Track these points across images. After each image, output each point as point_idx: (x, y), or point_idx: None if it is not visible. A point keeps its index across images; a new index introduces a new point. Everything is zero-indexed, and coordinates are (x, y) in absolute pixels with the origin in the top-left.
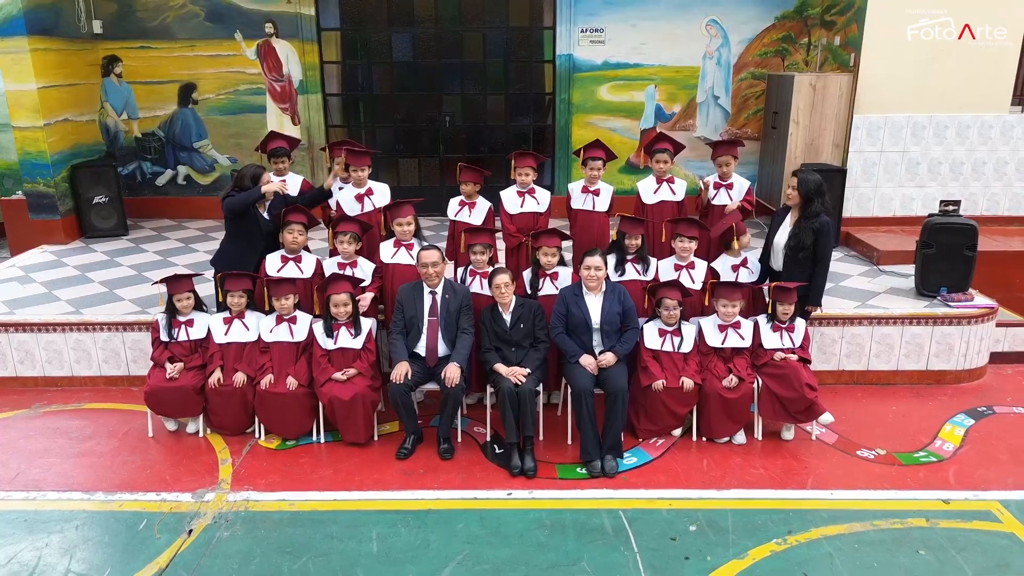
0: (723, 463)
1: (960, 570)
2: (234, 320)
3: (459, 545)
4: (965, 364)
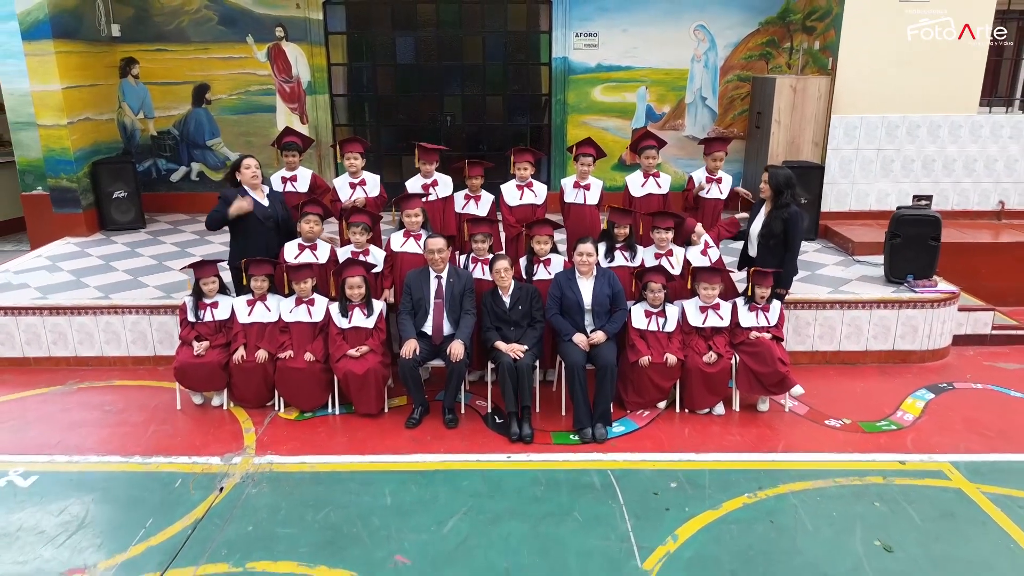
0: (703, 431)
1: (909, 518)
2: (256, 302)
3: (464, 499)
4: (929, 345)
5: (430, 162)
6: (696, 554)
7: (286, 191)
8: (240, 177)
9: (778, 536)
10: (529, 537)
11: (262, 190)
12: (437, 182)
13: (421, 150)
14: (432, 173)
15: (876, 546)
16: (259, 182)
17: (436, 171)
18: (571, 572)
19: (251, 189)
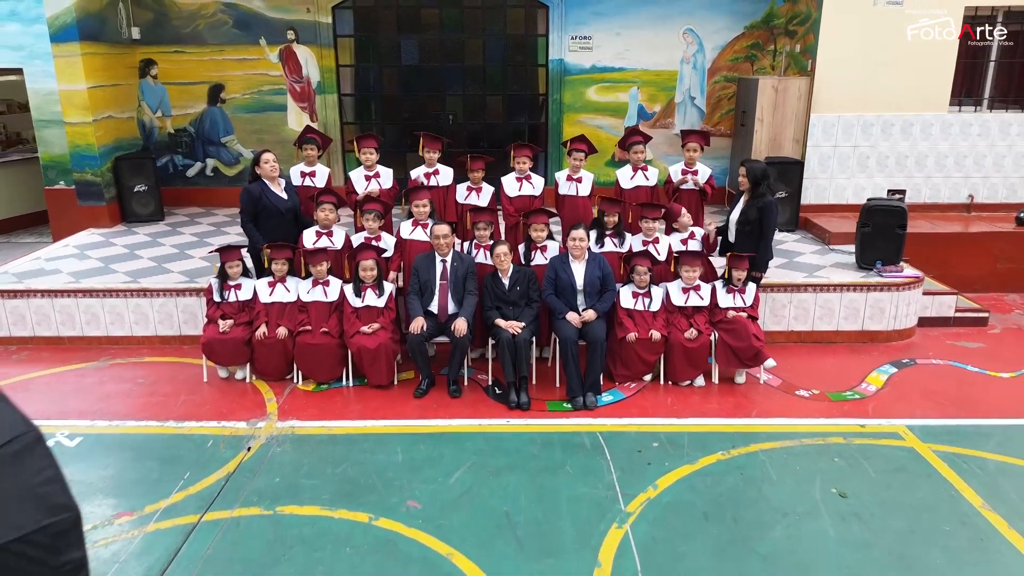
0: (684, 400)
1: (864, 472)
2: (277, 283)
3: (467, 456)
4: (895, 325)
5: (434, 150)
6: (673, 500)
7: (304, 184)
8: (259, 170)
9: (746, 486)
10: (526, 486)
11: (279, 182)
12: (439, 171)
13: (426, 138)
14: (435, 162)
15: (832, 493)
16: (276, 175)
17: (438, 162)
18: (563, 514)
19: (269, 182)
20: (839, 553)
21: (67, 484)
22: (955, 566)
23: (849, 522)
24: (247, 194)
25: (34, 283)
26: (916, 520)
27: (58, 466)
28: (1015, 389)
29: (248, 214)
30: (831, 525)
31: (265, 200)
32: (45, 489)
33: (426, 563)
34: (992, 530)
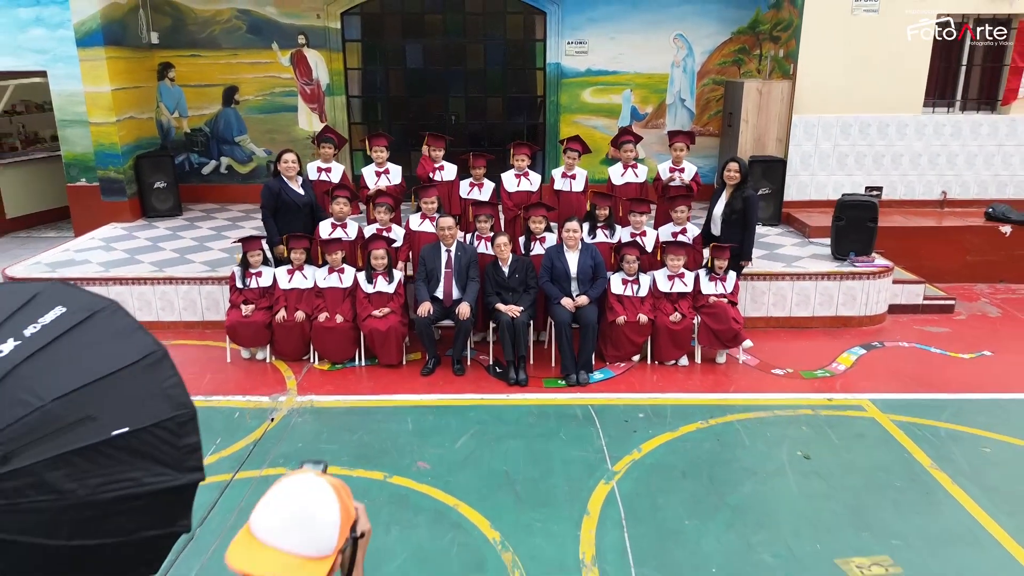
0: (669, 377)
1: (828, 438)
2: (295, 271)
3: (471, 425)
4: (866, 311)
5: (438, 148)
6: (655, 461)
7: (320, 179)
8: (280, 167)
9: (721, 449)
10: (524, 450)
11: (297, 180)
12: (443, 167)
13: (431, 137)
14: (440, 159)
15: (798, 456)
16: (295, 172)
17: (443, 159)
18: (556, 473)
19: (288, 179)
20: (800, 504)
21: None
22: (902, 516)
23: (810, 479)
24: (268, 190)
25: (66, 272)
26: (871, 478)
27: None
28: (971, 368)
29: (268, 208)
30: (794, 482)
31: (284, 195)
32: (172, 391)
33: (436, 512)
34: (937, 486)
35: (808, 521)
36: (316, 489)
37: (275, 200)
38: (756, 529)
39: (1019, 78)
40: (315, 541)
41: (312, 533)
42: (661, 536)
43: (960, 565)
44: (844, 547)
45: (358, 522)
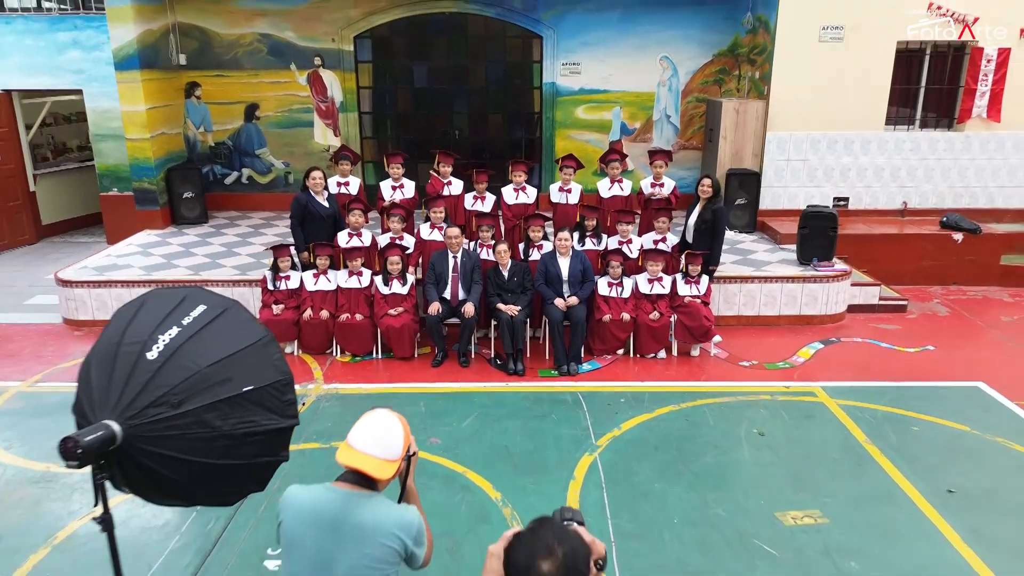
0: (648, 368)
1: (782, 418)
2: (320, 275)
3: (476, 408)
4: (827, 310)
5: (447, 164)
6: (632, 437)
7: (340, 192)
8: (308, 183)
9: (689, 427)
10: (521, 429)
11: (323, 193)
12: (451, 182)
13: (441, 154)
14: (448, 175)
15: (754, 433)
16: (322, 188)
17: (451, 175)
18: (548, 447)
19: (315, 193)
20: (751, 471)
21: (286, 361)
22: (834, 480)
23: (762, 451)
24: (297, 202)
25: (112, 275)
26: (812, 450)
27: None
28: (914, 360)
29: (297, 218)
30: (748, 453)
31: (311, 207)
32: (277, 363)
33: (447, 477)
34: (868, 456)
35: (756, 484)
36: (389, 419)
37: (303, 212)
38: (713, 490)
39: (972, 99)
40: (387, 449)
41: (386, 444)
42: (634, 496)
43: (876, 517)
44: (783, 503)
45: (412, 445)
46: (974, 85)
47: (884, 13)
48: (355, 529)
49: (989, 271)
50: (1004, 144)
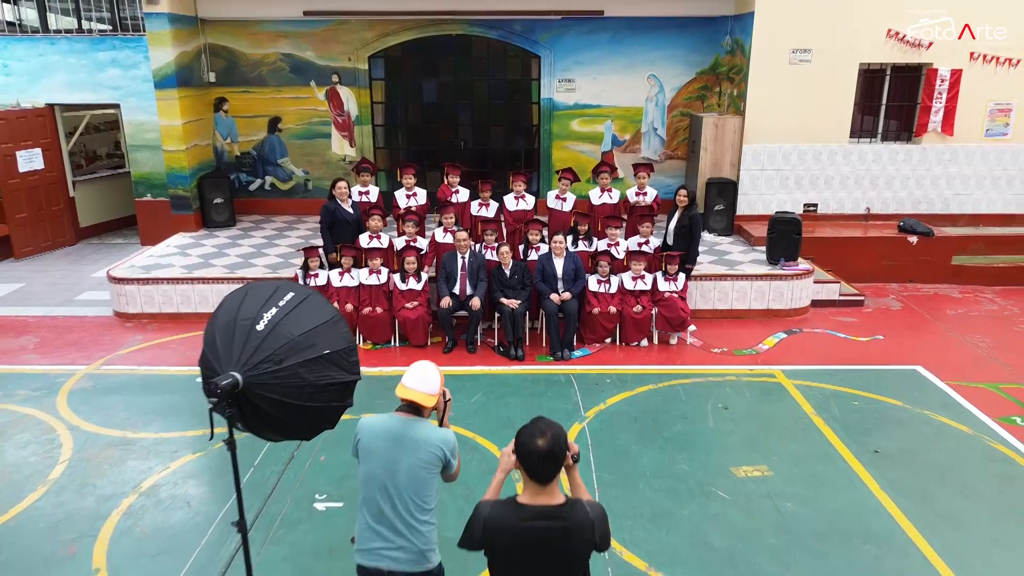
0: (632, 355)
1: (744, 395)
2: (345, 273)
3: (482, 387)
4: (792, 305)
5: (455, 175)
6: (615, 410)
7: (361, 200)
8: (335, 192)
9: (664, 403)
10: (521, 404)
11: (347, 201)
12: (459, 191)
13: (449, 167)
14: (456, 184)
15: (719, 407)
16: (346, 196)
17: (458, 184)
18: None
19: (341, 201)
20: (714, 437)
21: (351, 333)
22: (782, 443)
23: (724, 421)
24: (325, 209)
25: (158, 273)
26: (767, 420)
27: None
28: (864, 348)
29: (325, 224)
30: (712, 423)
31: (338, 214)
32: (345, 334)
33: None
34: (813, 426)
35: (717, 446)
36: (429, 368)
37: (331, 217)
38: (680, 451)
39: (928, 115)
40: (428, 386)
41: (427, 383)
42: (615, 455)
43: (812, 471)
44: (738, 461)
45: (447, 392)
46: (929, 103)
47: (847, 38)
48: (411, 441)
49: (942, 270)
50: (957, 155)
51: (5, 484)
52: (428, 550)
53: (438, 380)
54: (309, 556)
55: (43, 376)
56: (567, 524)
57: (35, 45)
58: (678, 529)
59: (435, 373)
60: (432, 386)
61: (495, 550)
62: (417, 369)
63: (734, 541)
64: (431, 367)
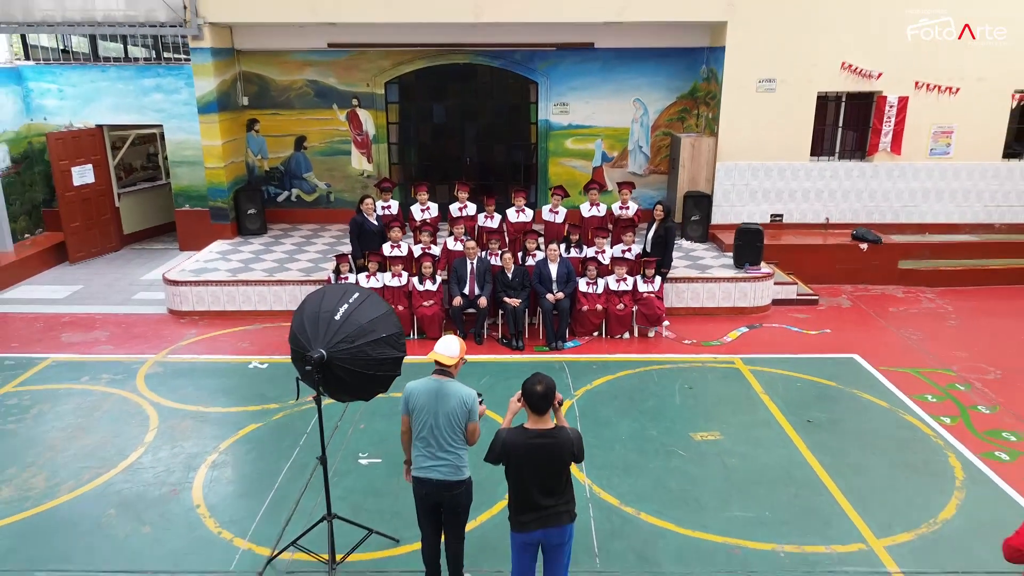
0: (616, 346)
1: (706, 378)
2: (371, 276)
3: (488, 372)
4: (755, 303)
5: (465, 192)
6: (599, 390)
7: (384, 214)
8: (362, 207)
9: (640, 384)
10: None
11: (373, 215)
12: (467, 206)
13: (460, 185)
14: (465, 200)
15: (686, 387)
16: (372, 210)
17: (467, 200)
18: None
19: (367, 214)
20: (679, 410)
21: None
22: (733, 414)
23: (688, 398)
24: (354, 222)
25: (207, 276)
26: (722, 397)
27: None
28: (813, 339)
29: (354, 234)
30: (679, 399)
31: (365, 226)
32: (396, 323)
33: None
34: (760, 401)
35: (680, 417)
36: (452, 339)
37: (359, 229)
38: (650, 422)
39: (879, 136)
40: (449, 350)
41: (448, 348)
42: (598, 425)
43: (755, 436)
44: (696, 428)
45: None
46: (879, 126)
47: (807, 70)
48: (444, 395)
49: (890, 273)
50: (905, 172)
51: (111, 445)
52: (461, 467)
53: (457, 347)
54: (359, 496)
55: (120, 363)
56: (557, 440)
57: (87, 72)
58: (644, 477)
59: (455, 343)
60: (451, 350)
61: (510, 459)
62: (443, 340)
63: (687, 485)
64: (453, 339)
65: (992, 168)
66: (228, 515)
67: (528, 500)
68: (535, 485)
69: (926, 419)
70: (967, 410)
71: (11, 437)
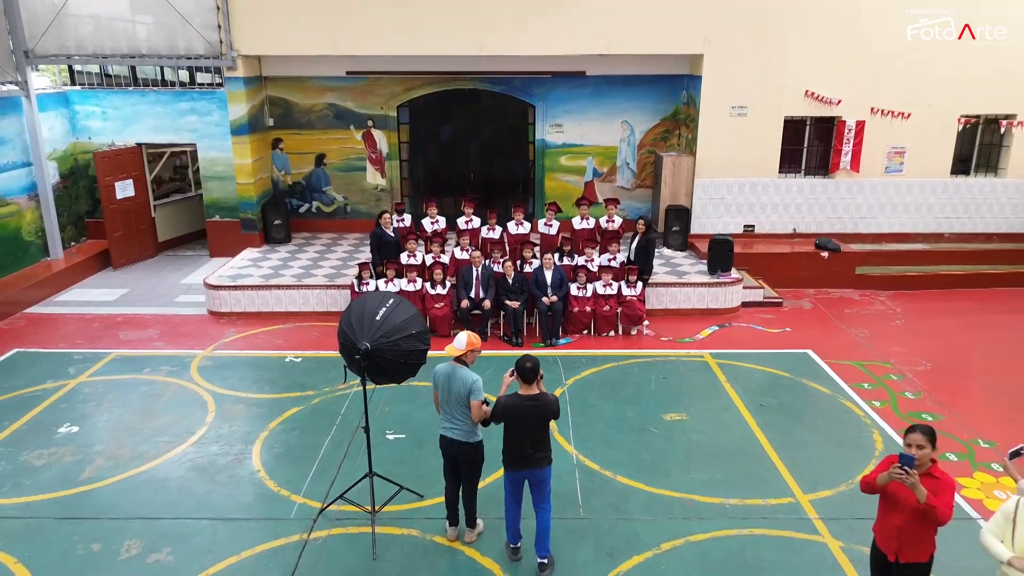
0: (602, 342)
1: (679, 370)
2: (389, 281)
3: (492, 365)
4: (726, 305)
5: (470, 207)
6: (587, 379)
7: (399, 226)
8: (381, 221)
9: (622, 374)
10: None
11: (390, 227)
12: (472, 219)
13: (466, 201)
14: (471, 215)
15: (660, 377)
16: (390, 224)
17: (472, 214)
18: None
19: (385, 227)
20: (654, 396)
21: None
22: (699, 399)
23: (662, 386)
24: (373, 234)
25: (243, 281)
26: (691, 385)
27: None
28: (774, 337)
29: (374, 245)
30: (655, 387)
31: (383, 237)
32: (422, 321)
33: None
34: (723, 388)
35: (654, 401)
36: (463, 335)
37: (378, 240)
38: (629, 405)
39: (839, 156)
40: (459, 344)
41: (459, 342)
42: (584, 408)
43: (715, 416)
44: (667, 410)
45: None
46: (840, 146)
47: (774, 97)
48: (456, 377)
49: (848, 278)
50: (863, 188)
51: (179, 424)
52: (473, 431)
53: (464, 341)
54: (388, 464)
55: (174, 357)
56: (542, 402)
57: (128, 96)
58: (622, 450)
59: (463, 338)
60: (459, 343)
61: (509, 417)
62: (457, 336)
63: (657, 456)
64: (463, 335)
65: (941, 184)
66: (284, 477)
67: (520, 450)
68: (526, 437)
69: (860, 403)
70: (896, 395)
71: (92, 418)
